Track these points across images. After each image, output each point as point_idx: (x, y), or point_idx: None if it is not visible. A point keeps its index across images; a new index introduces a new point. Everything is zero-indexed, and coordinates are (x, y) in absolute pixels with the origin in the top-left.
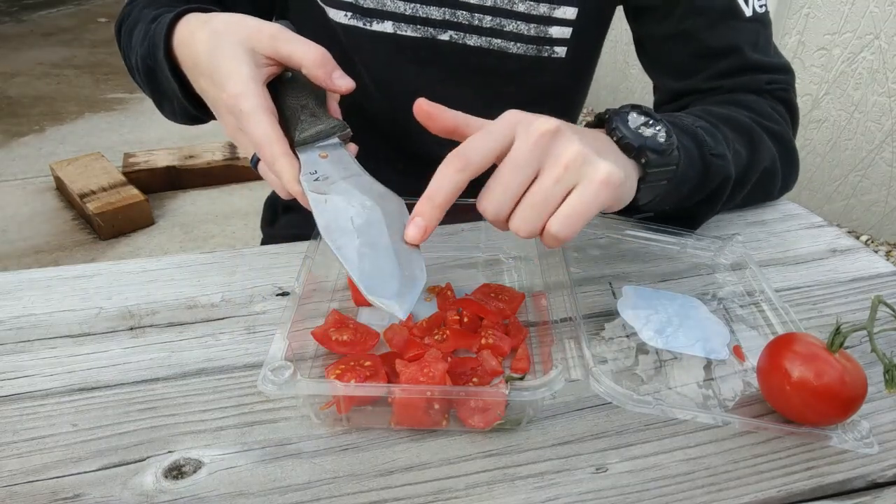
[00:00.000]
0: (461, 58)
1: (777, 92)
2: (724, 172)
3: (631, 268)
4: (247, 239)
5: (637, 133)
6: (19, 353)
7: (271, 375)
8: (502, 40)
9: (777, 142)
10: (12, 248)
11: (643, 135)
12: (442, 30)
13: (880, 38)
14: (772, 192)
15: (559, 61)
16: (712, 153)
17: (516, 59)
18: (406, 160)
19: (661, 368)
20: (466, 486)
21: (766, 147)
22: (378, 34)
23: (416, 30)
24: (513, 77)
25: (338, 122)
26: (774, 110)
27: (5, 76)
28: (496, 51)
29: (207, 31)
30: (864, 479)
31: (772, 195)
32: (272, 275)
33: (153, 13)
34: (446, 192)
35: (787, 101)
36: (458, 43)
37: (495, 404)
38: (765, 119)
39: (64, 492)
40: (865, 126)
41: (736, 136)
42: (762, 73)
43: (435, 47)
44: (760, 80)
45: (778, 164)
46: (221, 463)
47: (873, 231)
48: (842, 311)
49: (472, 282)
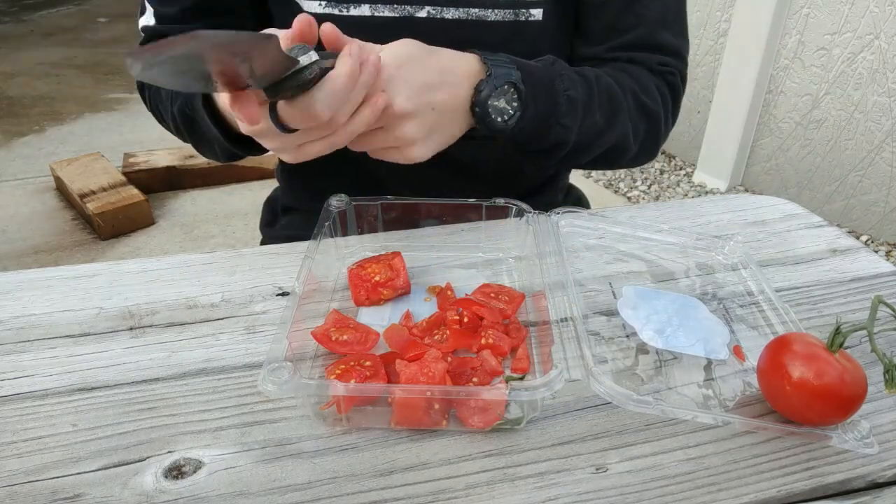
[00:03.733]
0: (441, 32)
1: (665, 74)
2: (559, 138)
3: (631, 268)
4: (247, 239)
5: (486, 111)
6: (19, 353)
7: (271, 375)
8: (479, 8)
9: (647, 117)
10: (12, 248)
11: (494, 112)
12: (419, 6)
13: (880, 38)
14: (621, 160)
15: (537, 24)
16: (560, 122)
17: (495, 26)
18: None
19: (661, 368)
20: (466, 486)
21: (625, 121)
22: (355, 18)
23: (393, 9)
24: (494, 47)
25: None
26: (658, 89)
27: (5, 76)
28: (474, 20)
29: None
30: (864, 479)
31: (620, 164)
32: (272, 275)
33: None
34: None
35: (672, 85)
36: (436, 18)
37: (495, 404)
38: (644, 94)
39: (64, 492)
40: (865, 126)
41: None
42: (657, 54)
43: (414, 25)
44: (653, 59)
45: (631, 139)
46: (221, 463)
47: (873, 231)
48: (842, 311)
49: (472, 282)
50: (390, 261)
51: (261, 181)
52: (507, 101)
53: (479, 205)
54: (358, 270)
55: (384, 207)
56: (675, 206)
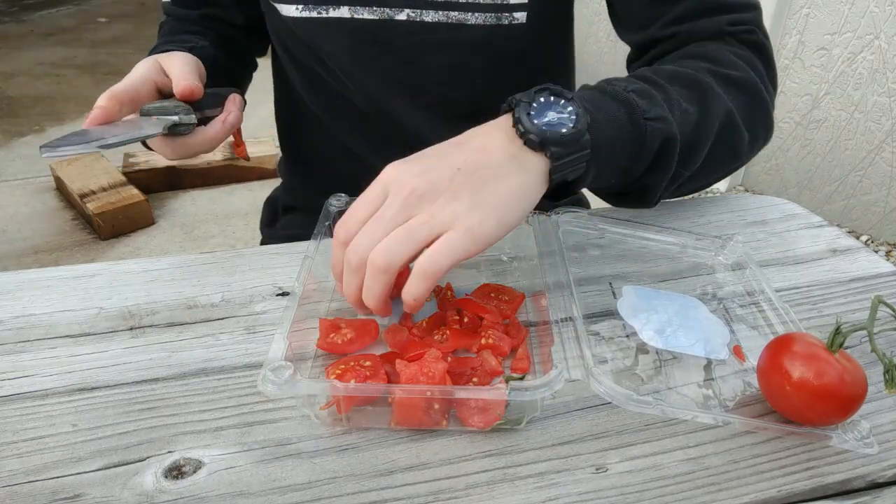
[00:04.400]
0: (421, 35)
1: (741, 34)
2: (663, 134)
3: (631, 268)
4: (247, 239)
5: (538, 127)
6: (19, 353)
7: (271, 375)
8: (459, 12)
9: (739, 90)
10: (12, 248)
11: (546, 125)
12: (398, 9)
13: (880, 38)
14: (739, 148)
15: (521, 27)
16: (646, 117)
17: (476, 29)
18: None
19: (661, 368)
20: (466, 486)
21: (720, 100)
22: (335, 21)
23: (372, 12)
24: (476, 49)
25: (183, 106)
26: (738, 56)
27: (5, 76)
28: (455, 24)
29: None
30: (864, 479)
31: (741, 153)
32: (272, 275)
33: (154, 47)
34: (338, 268)
35: (753, 43)
36: (416, 21)
37: (495, 404)
38: (723, 67)
39: (64, 492)
40: (865, 126)
41: (686, 94)
42: (722, 14)
43: (394, 28)
44: (721, 21)
45: (737, 116)
46: (221, 463)
47: (873, 231)
48: (842, 311)
49: (472, 282)
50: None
51: (261, 181)
52: (557, 111)
53: None
54: None
55: None
56: (674, 206)
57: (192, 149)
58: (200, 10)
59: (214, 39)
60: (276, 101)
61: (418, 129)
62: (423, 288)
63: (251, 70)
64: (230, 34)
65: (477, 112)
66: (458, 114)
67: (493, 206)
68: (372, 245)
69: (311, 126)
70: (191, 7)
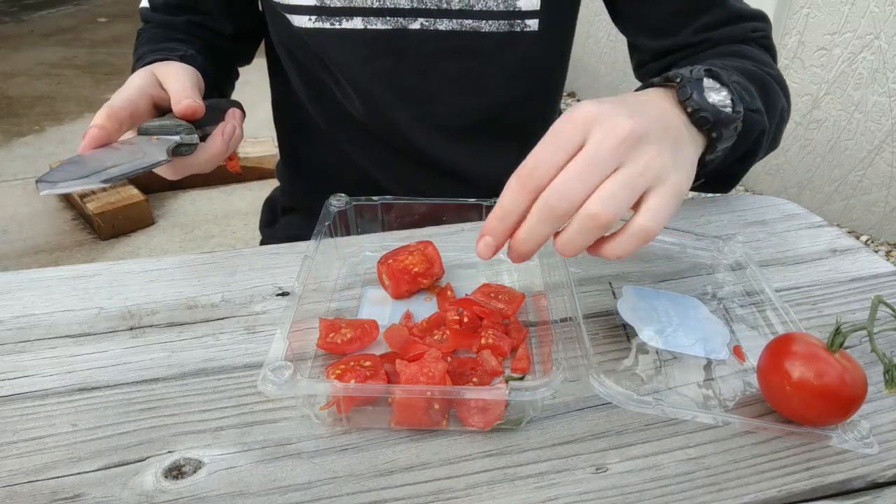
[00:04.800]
0: (435, 44)
1: (761, 39)
2: (760, 127)
3: (631, 268)
4: (247, 239)
5: (714, 107)
6: (19, 353)
7: (271, 375)
8: (473, 20)
9: (780, 87)
10: (12, 248)
11: (717, 107)
12: (412, 18)
13: (880, 38)
14: (778, 138)
15: (532, 35)
16: (750, 108)
17: (489, 37)
18: (397, 158)
19: (661, 368)
20: (466, 486)
21: (777, 95)
22: (347, 32)
23: (385, 22)
24: (489, 56)
25: (184, 125)
26: (766, 57)
27: (5, 76)
28: (468, 32)
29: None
30: (864, 479)
31: (778, 142)
32: (272, 275)
33: (139, 56)
34: (516, 215)
35: (771, 49)
36: (429, 29)
37: (495, 404)
38: (766, 66)
39: (64, 492)
40: (865, 126)
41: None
42: (746, 22)
43: (407, 37)
44: (745, 28)
45: (784, 112)
46: (221, 463)
47: (873, 231)
48: (842, 311)
49: (472, 282)
50: (423, 250)
51: (261, 181)
52: (717, 92)
53: (480, 205)
54: (394, 264)
55: (384, 207)
56: None
57: (194, 169)
58: (185, 16)
59: (201, 48)
60: (274, 105)
61: (420, 143)
62: (634, 247)
63: (234, 80)
64: (216, 43)
65: (484, 124)
66: (465, 126)
67: (687, 171)
68: (586, 192)
69: (311, 133)
70: (174, 14)
